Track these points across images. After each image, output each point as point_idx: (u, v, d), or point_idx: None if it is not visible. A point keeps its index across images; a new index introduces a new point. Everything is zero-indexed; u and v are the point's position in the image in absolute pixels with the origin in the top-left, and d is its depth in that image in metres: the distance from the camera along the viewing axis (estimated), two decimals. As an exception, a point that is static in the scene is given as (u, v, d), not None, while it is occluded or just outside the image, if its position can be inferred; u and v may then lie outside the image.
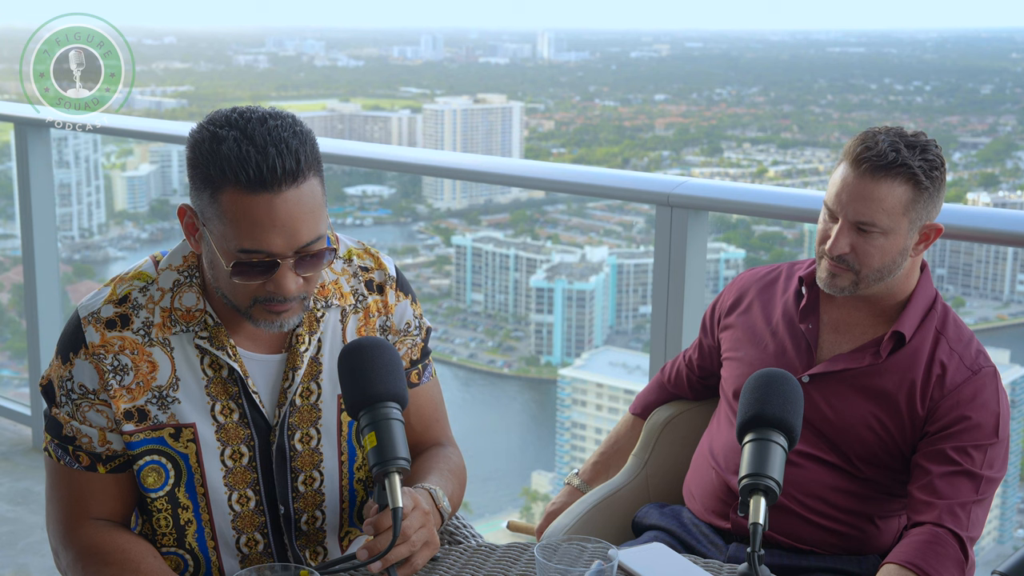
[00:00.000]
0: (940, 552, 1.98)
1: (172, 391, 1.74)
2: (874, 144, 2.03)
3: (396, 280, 1.92)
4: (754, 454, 1.67)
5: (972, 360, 2.10)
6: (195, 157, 1.64)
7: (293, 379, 1.79)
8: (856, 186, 2.03)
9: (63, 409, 1.75)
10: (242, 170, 1.58)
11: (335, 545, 1.92)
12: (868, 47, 27.71)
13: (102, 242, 13.00)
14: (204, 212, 1.65)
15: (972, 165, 17.68)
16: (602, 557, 1.62)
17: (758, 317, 2.26)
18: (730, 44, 29.01)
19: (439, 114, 19.01)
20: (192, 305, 1.75)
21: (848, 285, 2.08)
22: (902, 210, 2.03)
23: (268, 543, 1.84)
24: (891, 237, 2.04)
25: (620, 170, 8.61)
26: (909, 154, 2.02)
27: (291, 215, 1.61)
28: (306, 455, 1.83)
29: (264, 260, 1.63)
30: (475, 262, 13.06)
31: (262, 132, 1.60)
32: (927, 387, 2.08)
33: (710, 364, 2.41)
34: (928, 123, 19.73)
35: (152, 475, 1.77)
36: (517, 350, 12.73)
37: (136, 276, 1.78)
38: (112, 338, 1.73)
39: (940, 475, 2.02)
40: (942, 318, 2.13)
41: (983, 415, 2.05)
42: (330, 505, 1.88)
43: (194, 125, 1.66)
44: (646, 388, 2.54)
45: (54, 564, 1.84)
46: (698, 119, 20.80)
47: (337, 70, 24.64)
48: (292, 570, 1.55)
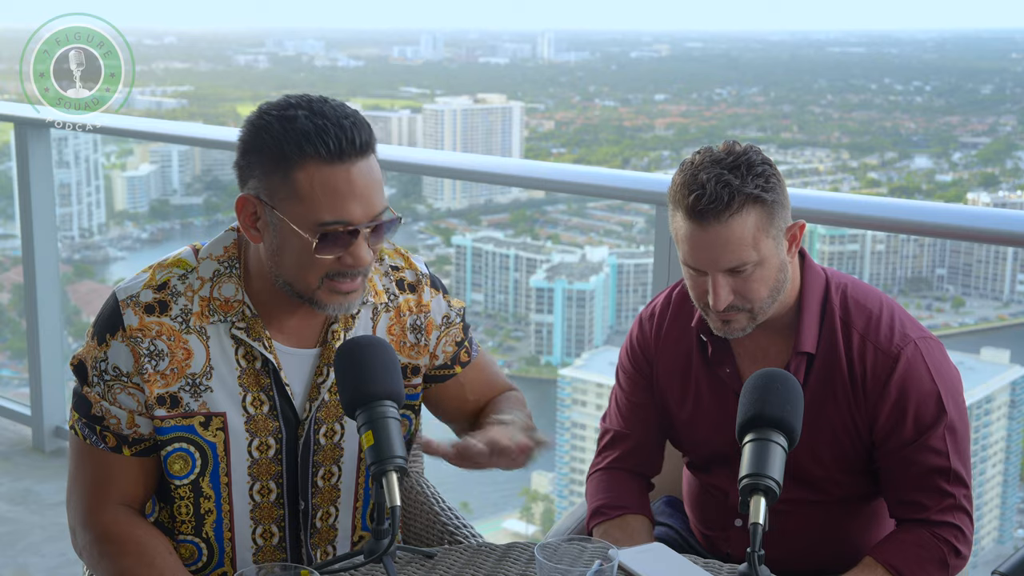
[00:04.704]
0: (922, 556, 1.95)
1: (206, 379, 1.76)
2: (701, 188, 1.87)
3: (429, 278, 1.94)
4: (754, 454, 1.67)
5: (888, 343, 1.97)
6: (262, 141, 1.66)
7: (327, 374, 1.81)
8: (707, 237, 1.89)
9: (94, 389, 1.76)
10: (322, 142, 1.63)
11: (346, 548, 1.92)
12: (868, 47, 27.72)
13: (102, 242, 13.01)
14: (275, 194, 1.67)
15: (972, 165, 17.69)
16: (602, 557, 1.62)
17: (674, 392, 2.12)
18: (730, 44, 29.03)
19: (439, 114, 19.04)
20: (231, 296, 1.77)
21: (746, 324, 1.96)
22: (762, 234, 1.89)
23: (283, 536, 1.85)
24: (765, 264, 1.91)
25: (620, 170, 8.61)
26: (739, 180, 1.87)
27: (366, 184, 1.67)
28: (328, 449, 1.85)
29: (347, 230, 1.67)
30: (475, 262, 13.07)
31: (329, 109, 1.66)
32: (858, 392, 1.97)
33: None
34: (928, 123, 19.75)
35: (179, 462, 1.78)
36: (517, 350, 12.74)
37: (176, 263, 1.80)
38: (150, 323, 1.75)
39: (907, 474, 1.97)
40: (843, 307, 2.00)
41: (923, 400, 1.95)
42: (344, 502, 1.89)
43: (250, 115, 1.70)
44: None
45: (67, 550, 1.85)
46: (698, 119, 20.82)
47: (337, 70, 24.66)
48: (292, 570, 1.55)
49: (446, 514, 2.08)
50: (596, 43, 29.26)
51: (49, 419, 4.41)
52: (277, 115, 1.66)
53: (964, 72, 22.75)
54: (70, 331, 5.29)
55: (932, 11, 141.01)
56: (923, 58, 25.29)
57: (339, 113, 1.66)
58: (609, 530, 2.09)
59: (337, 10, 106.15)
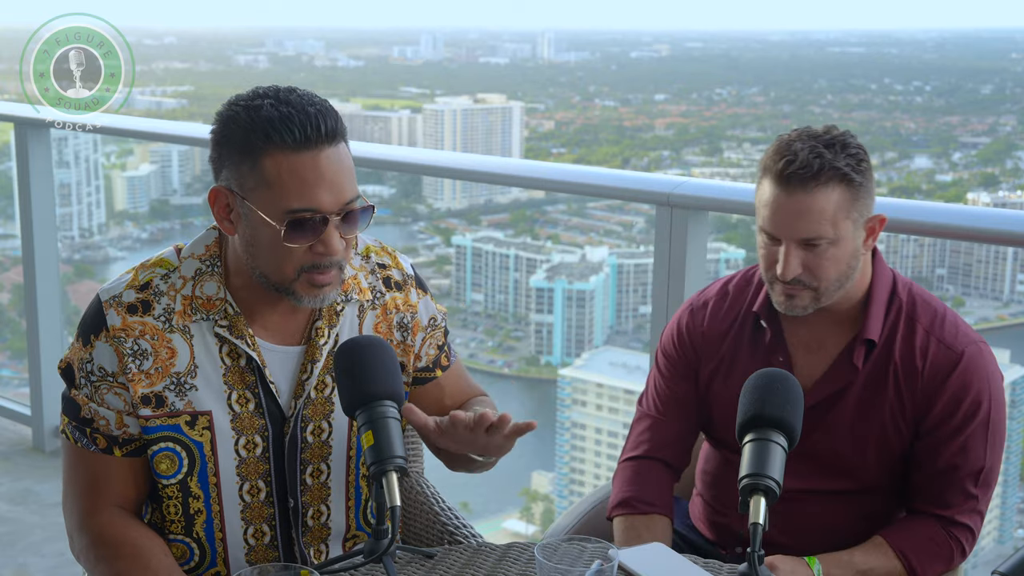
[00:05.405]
0: (933, 551, 1.97)
1: (190, 378, 1.76)
2: (793, 155, 1.91)
3: (415, 279, 1.95)
4: (754, 454, 1.67)
5: (952, 341, 2.00)
6: (230, 132, 1.68)
7: (312, 371, 1.81)
8: (790, 204, 1.92)
9: (82, 391, 1.77)
10: (287, 130, 1.64)
11: (338, 548, 1.92)
12: (868, 47, 27.72)
13: (102, 242, 13.01)
14: (244, 184, 1.68)
15: (972, 165, 17.68)
16: (602, 557, 1.62)
17: (736, 382, 2.09)
18: (730, 44, 29.03)
19: (439, 114, 19.03)
20: (213, 294, 1.77)
21: (809, 303, 1.98)
22: (843, 214, 1.92)
23: (275, 535, 1.85)
24: (840, 244, 1.93)
25: (620, 170, 8.61)
26: (832, 155, 1.91)
27: (335, 172, 1.67)
28: (316, 447, 1.85)
29: (315, 217, 1.67)
30: (475, 262, 13.06)
31: (295, 98, 1.67)
32: (913, 383, 2.00)
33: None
34: (928, 123, 19.74)
35: (165, 462, 1.78)
36: (517, 350, 12.73)
37: (158, 263, 1.80)
38: (133, 323, 1.75)
39: (940, 468, 1.99)
40: (909, 302, 2.03)
41: (975, 400, 1.99)
42: (335, 500, 1.89)
43: (219, 109, 1.71)
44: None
45: (67, 550, 1.85)
46: (698, 119, 20.81)
47: (337, 70, 24.66)
48: (292, 570, 1.55)
49: (446, 514, 2.08)
50: (596, 43, 29.25)
51: (49, 419, 4.41)
52: (244, 105, 1.68)
53: (964, 72, 22.75)
54: (70, 331, 5.28)
55: (932, 11, 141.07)
56: (923, 58, 25.29)
57: (305, 101, 1.67)
58: (635, 524, 2.12)
59: (337, 10, 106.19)
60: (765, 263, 2.00)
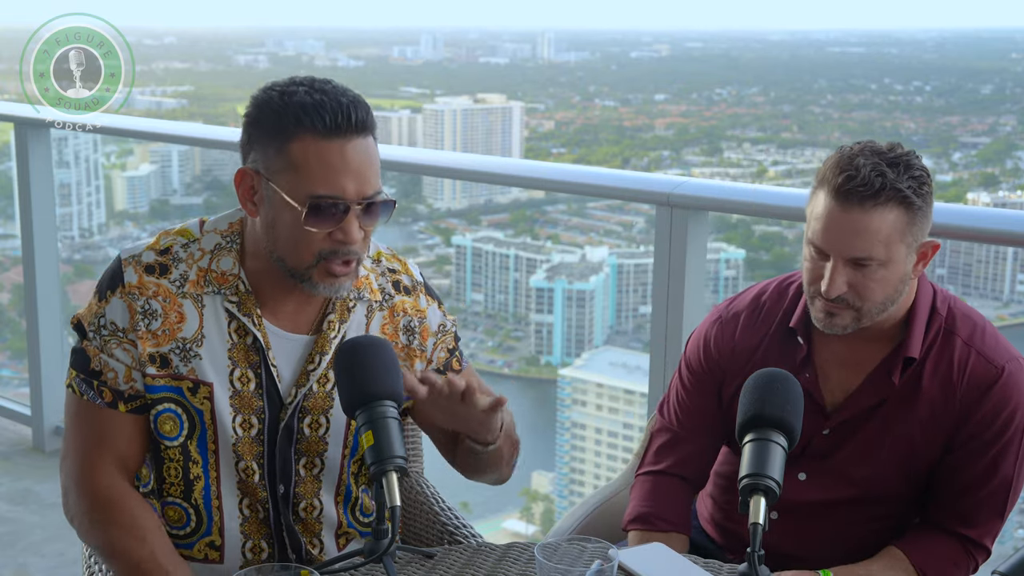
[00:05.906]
0: (951, 572, 1.96)
1: (196, 346, 1.78)
2: (855, 171, 1.83)
3: (424, 286, 1.96)
4: (754, 454, 1.67)
5: (993, 354, 1.95)
6: (262, 114, 1.72)
7: (320, 363, 1.82)
8: (844, 220, 1.84)
9: (93, 343, 1.79)
10: (318, 116, 1.67)
11: (332, 542, 1.92)
12: (868, 47, 27.70)
13: (102, 242, 12.99)
14: (271, 166, 1.71)
15: (972, 165, 17.67)
16: (602, 557, 1.62)
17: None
18: (730, 44, 29.01)
19: (439, 114, 19.02)
20: (228, 269, 1.80)
21: (850, 323, 1.91)
22: (898, 237, 1.85)
23: (268, 514, 1.86)
24: (890, 267, 1.87)
25: (620, 170, 8.62)
26: (895, 175, 1.83)
27: (361, 162, 1.70)
28: (312, 441, 1.85)
29: (337, 204, 1.69)
30: (475, 262, 13.06)
31: (330, 87, 1.72)
32: (950, 395, 1.95)
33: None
34: (928, 123, 19.74)
35: (168, 423, 1.80)
36: (517, 350, 12.73)
37: (181, 233, 1.83)
38: (149, 282, 1.78)
39: (968, 483, 1.96)
40: (949, 317, 1.98)
41: (1012, 414, 1.94)
42: (327, 495, 1.89)
43: (254, 92, 1.74)
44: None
45: (67, 550, 1.85)
46: (698, 119, 20.80)
47: (337, 70, 24.63)
48: (292, 570, 1.55)
49: (446, 514, 2.09)
50: (596, 43, 29.24)
51: (49, 419, 4.41)
52: (280, 91, 1.72)
53: (964, 72, 22.74)
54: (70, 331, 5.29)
55: (932, 11, 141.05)
56: (923, 58, 25.28)
57: (339, 91, 1.71)
58: (652, 540, 2.06)
59: (337, 10, 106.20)
60: (809, 277, 1.93)
